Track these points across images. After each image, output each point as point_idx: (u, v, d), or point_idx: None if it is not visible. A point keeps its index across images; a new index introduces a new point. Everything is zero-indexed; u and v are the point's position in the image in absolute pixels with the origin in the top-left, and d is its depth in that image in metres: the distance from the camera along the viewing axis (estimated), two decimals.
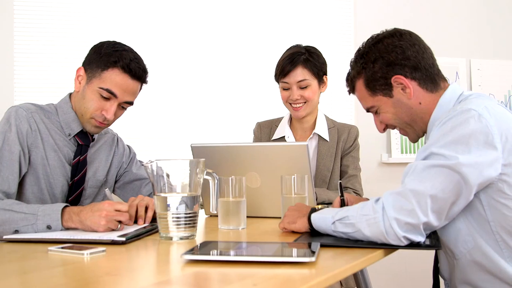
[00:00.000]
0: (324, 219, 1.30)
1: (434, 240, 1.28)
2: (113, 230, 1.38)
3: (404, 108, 1.42)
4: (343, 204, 1.56)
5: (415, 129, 1.46)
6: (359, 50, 1.47)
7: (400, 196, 1.20)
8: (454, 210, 1.22)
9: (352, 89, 1.52)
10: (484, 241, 1.26)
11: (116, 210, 1.38)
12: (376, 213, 1.20)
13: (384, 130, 1.52)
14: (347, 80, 1.53)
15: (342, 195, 1.57)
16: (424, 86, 1.40)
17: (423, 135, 1.48)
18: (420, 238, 1.20)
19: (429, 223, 1.19)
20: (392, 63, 1.39)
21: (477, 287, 1.30)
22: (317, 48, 2.21)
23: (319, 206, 1.39)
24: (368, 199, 1.36)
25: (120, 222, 1.39)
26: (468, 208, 1.25)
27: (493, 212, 1.24)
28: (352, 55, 1.50)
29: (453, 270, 1.36)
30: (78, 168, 1.73)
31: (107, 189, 1.70)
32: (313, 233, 1.34)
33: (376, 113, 1.49)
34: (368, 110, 1.51)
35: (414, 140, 1.50)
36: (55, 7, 3.07)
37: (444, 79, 1.44)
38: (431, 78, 1.40)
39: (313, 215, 1.33)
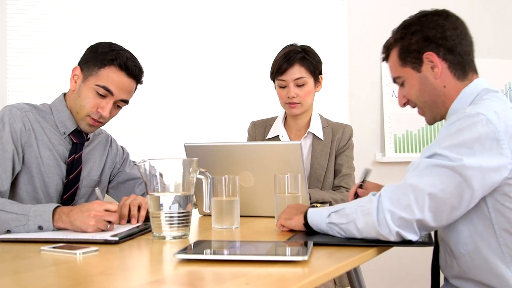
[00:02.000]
0: (320, 213, 1.31)
1: (426, 237, 1.28)
2: (102, 230, 1.37)
3: (429, 86, 1.40)
4: (360, 187, 1.61)
5: (433, 111, 1.44)
6: (404, 20, 1.47)
7: (398, 189, 1.20)
8: (455, 214, 1.21)
9: (386, 57, 1.51)
10: (486, 244, 1.25)
11: (106, 210, 1.37)
12: (372, 204, 1.21)
13: (404, 105, 1.50)
14: (384, 46, 1.52)
15: (363, 182, 1.60)
16: (453, 71, 1.39)
17: (441, 119, 1.47)
18: (413, 236, 1.20)
19: (423, 221, 1.18)
20: (430, 39, 1.38)
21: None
22: (312, 47, 2.22)
23: (319, 205, 1.39)
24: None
25: (109, 222, 1.38)
26: (473, 209, 1.23)
27: (498, 215, 1.23)
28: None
29: (451, 267, 1.35)
30: (73, 167, 1.73)
31: (97, 188, 1.70)
32: (308, 231, 1.34)
33: (401, 85, 1.48)
34: (394, 81, 1.50)
35: (430, 122, 1.49)
36: (48, 7, 3.06)
37: (475, 72, 1.42)
38: (462, 65, 1.39)
39: (309, 210, 1.34)
